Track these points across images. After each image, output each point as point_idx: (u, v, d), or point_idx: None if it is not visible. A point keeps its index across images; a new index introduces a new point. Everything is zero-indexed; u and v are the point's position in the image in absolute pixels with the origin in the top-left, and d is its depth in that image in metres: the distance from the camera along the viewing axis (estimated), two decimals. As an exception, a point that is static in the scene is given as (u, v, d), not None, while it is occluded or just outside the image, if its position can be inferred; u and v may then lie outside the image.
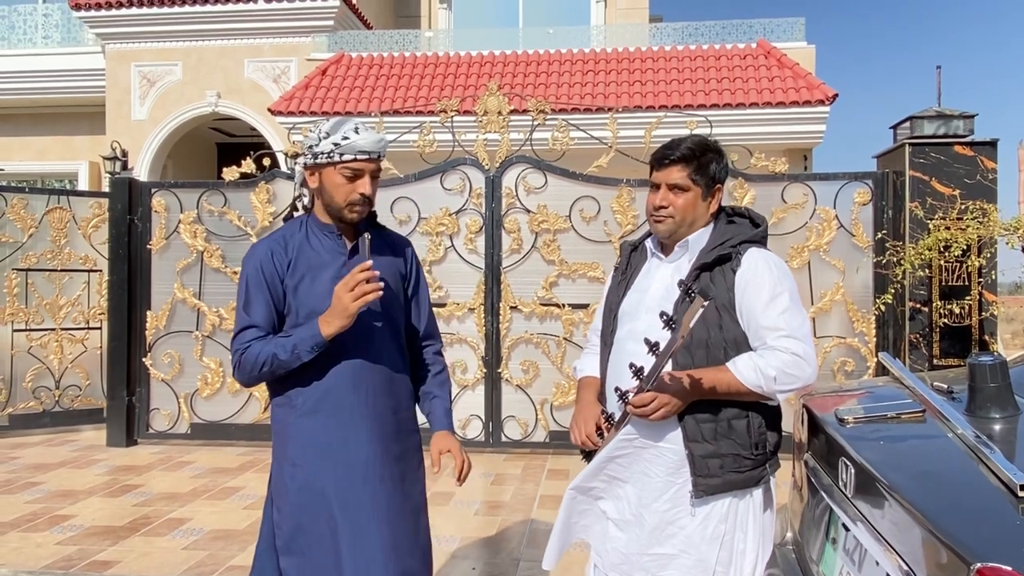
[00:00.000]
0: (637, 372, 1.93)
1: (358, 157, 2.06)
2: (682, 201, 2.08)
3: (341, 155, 2.04)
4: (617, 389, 2.00)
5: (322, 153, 2.05)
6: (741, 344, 2.02)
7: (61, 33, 12.99)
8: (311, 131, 2.11)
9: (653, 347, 1.87)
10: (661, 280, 2.12)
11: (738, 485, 2.00)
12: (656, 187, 2.11)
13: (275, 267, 2.09)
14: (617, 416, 2.05)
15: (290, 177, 6.78)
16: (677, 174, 2.08)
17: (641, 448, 2.04)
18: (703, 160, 2.08)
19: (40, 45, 12.91)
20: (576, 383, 2.35)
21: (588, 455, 2.14)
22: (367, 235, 2.02)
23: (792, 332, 1.98)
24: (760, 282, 2.00)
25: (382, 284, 2.02)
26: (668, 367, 1.97)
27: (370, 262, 1.98)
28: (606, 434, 2.09)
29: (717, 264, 2.05)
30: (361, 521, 2.05)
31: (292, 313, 2.10)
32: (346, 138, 2.04)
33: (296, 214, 2.22)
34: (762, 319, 1.99)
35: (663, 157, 2.10)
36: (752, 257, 2.03)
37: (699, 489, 1.98)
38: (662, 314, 1.85)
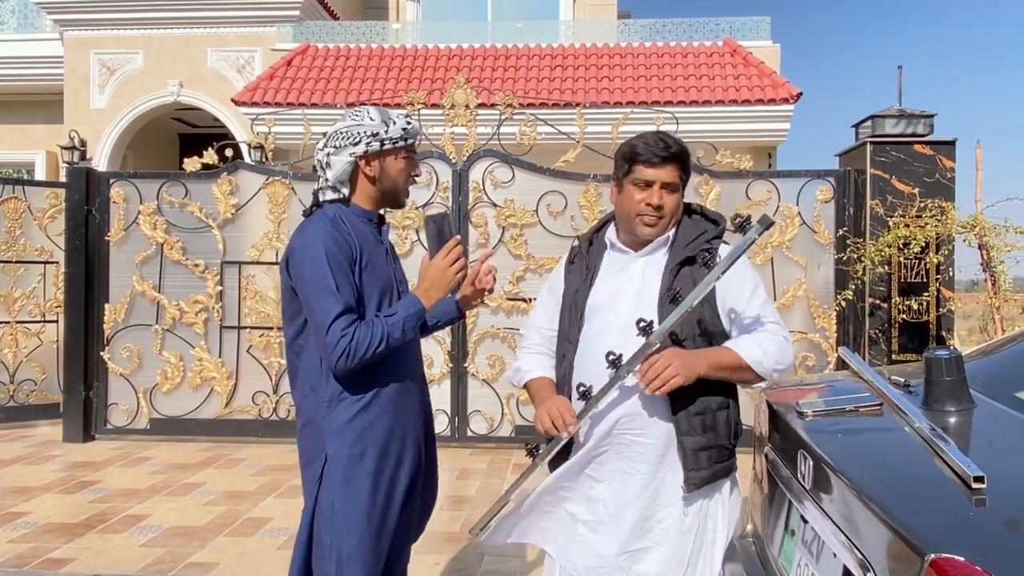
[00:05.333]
0: (614, 361, 1.91)
1: (418, 140, 2.21)
2: (674, 201, 2.04)
3: (407, 140, 2.13)
4: (611, 353, 1.93)
5: (391, 139, 2.10)
6: (716, 340, 2.04)
7: (18, 19, 12.63)
8: (358, 120, 2.10)
9: (647, 327, 1.90)
10: (634, 275, 2.07)
11: (719, 476, 2.01)
12: (648, 184, 2.01)
13: (347, 247, 2.04)
14: (595, 390, 1.95)
15: (254, 168, 6.68)
16: (672, 173, 2.01)
17: (621, 445, 2.01)
18: (687, 159, 2.07)
19: (-5, 31, 12.56)
20: (523, 388, 2.22)
21: (532, 452, 2.08)
22: (447, 210, 2.15)
23: (777, 320, 2.06)
24: (742, 278, 2.04)
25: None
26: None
27: (459, 236, 2.12)
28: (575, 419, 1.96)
29: (691, 261, 2.04)
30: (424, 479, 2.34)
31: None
32: (409, 122, 2.14)
33: (317, 210, 2.15)
34: (748, 311, 2.04)
35: (658, 154, 1.99)
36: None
37: (691, 483, 1.95)
38: (639, 321, 1.91)
